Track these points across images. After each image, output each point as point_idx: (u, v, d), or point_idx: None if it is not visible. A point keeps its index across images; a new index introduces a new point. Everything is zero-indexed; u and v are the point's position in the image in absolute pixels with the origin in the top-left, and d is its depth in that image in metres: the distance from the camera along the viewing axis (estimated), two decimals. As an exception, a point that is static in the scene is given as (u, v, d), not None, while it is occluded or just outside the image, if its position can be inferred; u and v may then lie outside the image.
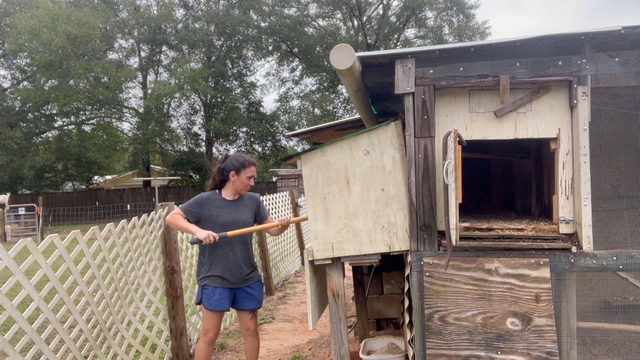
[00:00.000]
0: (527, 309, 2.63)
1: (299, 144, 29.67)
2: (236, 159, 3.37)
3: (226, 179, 3.39)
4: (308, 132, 6.00)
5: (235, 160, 3.37)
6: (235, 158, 3.39)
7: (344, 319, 3.06)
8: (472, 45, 2.78)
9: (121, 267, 3.58)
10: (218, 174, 3.42)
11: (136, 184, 30.55)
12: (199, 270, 3.41)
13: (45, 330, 2.88)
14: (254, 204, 3.51)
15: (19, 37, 23.25)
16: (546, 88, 2.77)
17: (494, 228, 2.95)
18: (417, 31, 31.29)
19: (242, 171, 3.34)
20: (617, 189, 2.96)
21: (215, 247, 3.31)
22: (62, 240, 2.96)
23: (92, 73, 23.77)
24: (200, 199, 3.37)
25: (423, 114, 2.80)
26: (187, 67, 25.55)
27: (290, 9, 29.97)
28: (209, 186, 3.48)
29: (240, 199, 3.45)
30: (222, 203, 3.38)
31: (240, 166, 3.34)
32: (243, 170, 3.35)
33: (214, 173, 3.46)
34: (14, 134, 23.68)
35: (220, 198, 3.39)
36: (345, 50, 2.62)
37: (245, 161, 3.37)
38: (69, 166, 28.29)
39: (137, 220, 3.84)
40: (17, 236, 16.53)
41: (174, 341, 4.21)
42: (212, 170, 3.58)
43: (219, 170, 3.41)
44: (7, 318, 2.52)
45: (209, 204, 3.35)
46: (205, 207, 3.34)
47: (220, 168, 3.41)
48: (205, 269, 3.36)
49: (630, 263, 2.68)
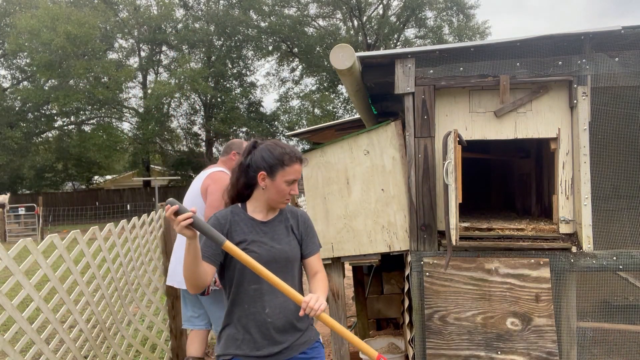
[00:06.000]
0: (527, 309, 2.63)
1: (299, 144, 29.60)
2: (269, 151, 2.00)
3: (253, 183, 2.04)
4: (308, 132, 6.00)
5: (268, 154, 1.99)
6: (269, 150, 2.00)
7: (344, 319, 3.06)
8: (472, 45, 2.78)
9: (121, 267, 3.58)
10: (241, 174, 2.05)
11: (136, 184, 30.54)
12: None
13: (45, 330, 2.88)
14: (299, 226, 2.10)
15: (19, 37, 23.24)
16: (546, 88, 2.77)
17: (494, 228, 2.95)
18: (417, 31, 31.29)
19: (279, 171, 1.98)
20: (617, 189, 2.96)
21: (240, 298, 2.02)
22: (62, 240, 2.95)
23: (92, 73, 23.76)
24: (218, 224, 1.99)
25: (423, 114, 2.80)
26: (187, 67, 25.54)
27: (290, 9, 29.97)
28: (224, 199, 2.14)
29: (276, 218, 2.07)
30: (250, 227, 2.01)
31: (277, 163, 1.98)
32: (281, 169, 1.98)
33: (233, 171, 2.10)
34: (14, 134, 23.68)
35: (247, 218, 2.03)
36: (345, 50, 2.62)
37: (284, 155, 1.99)
38: (69, 166, 28.29)
39: (137, 220, 3.84)
40: (17, 236, 16.53)
41: (174, 341, 4.20)
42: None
43: (243, 168, 2.04)
44: (7, 318, 2.52)
45: (234, 231, 1.99)
46: (229, 237, 1.96)
47: (244, 165, 2.03)
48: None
49: (630, 263, 2.68)
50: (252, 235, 1.99)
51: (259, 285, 1.98)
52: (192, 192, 3.41)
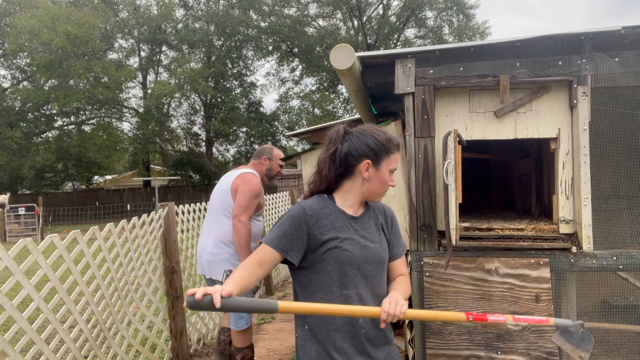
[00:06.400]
0: (527, 309, 2.63)
1: (299, 144, 29.69)
2: (374, 137, 1.77)
3: (349, 173, 1.78)
4: (308, 132, 6.00)
5: (372, 140, 1.77)
6: (373, 135, 1.78)
7: (344, 319, 3.05)
8: (472, 45, 2.78)
9: (121, 267, 3.58)
10: (338, 163, 1.77)
11: (136, 184, 30.54)
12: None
13: (45, 330, 2.88)
14: (387, 223, 1.90)
15: (19, 37, 23.26)
16: (546, 88, 2.77)
17: (494, 228, 2.95)
18: (417, 31, 31.31)
19: (384, 160, 1.77)
20: (617, 189, 2.96)
21: None
22: (62, 240, 2.95)
23: (92, 73, 23.78)
24: (303, 215, 1.73)
25: (423, 114, 2.80)
26: (187, 67, 25.55)
27: (290, 9, 29.99)
28: (307, 190, 1.87)
29: (366, 214, 1.84)
30: (341, 222, 1.77)
31: (383, 150, 1.77)
32: (387, 157, 1.78)
33: (322, 161, 1.81)
34: (14, 134, 23.69)
35: (337, 211, 1.78)
36: (345, 51, 2.62)
37: (389, 141, 1.79)
38: (69, 166, 28.29)
39: (137, 220, 3.84)
40: (17, 236, 16.52)
41: (174, 341, 4.20)
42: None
43: (341, 156, 1.76)
44: (7, 318, 2.52)
45: (323, 225, 1.73)
46: (317, 232, 1.72)
47: (340, 153, 1.76)
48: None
49: (630, 263, 2.68)
50: (344, 231, 1.74)
51: (356, 289, 1.72)
52: (221, 190, 3.56)
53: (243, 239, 3.32)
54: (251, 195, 3.40)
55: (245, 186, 3.40)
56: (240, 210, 3.35)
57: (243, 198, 3.37)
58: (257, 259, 1.70)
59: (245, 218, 3.34)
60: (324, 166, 1.79)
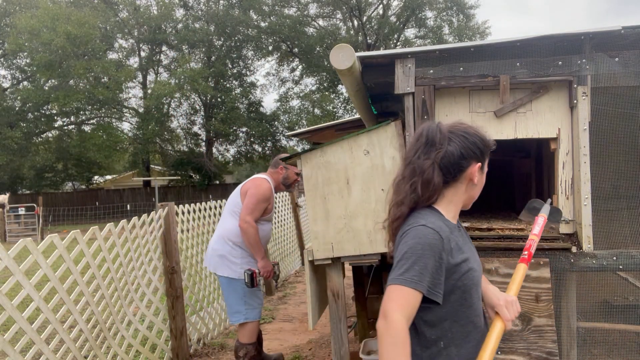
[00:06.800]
0: (527, 309, 2.63)
1: (299, 144, 29.65)
2: (478, 135, 1.53)
3: (454, 179, 1.50)
4: (308, 132, 5.99)
5: (479, 139, 1.52)
6: (476, 133, 1.53)
7: (344, 319, 3.06)
8: (472, 45, 2.78)
9: (121, 267, 3.58)
10: (450, 169, 1.48)
11: (136, 184, 30.54)
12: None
13: (45, 330, 2.88)
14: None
15: (19, 37, 23.26)
16: (546, 88, 2.77)
17: (494, 228, 2.95)
18: (417, 31, 31.30)
19: (487, 160, 1.58)
20: (617, 189, 2.96)
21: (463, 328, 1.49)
22: (62, 240, 2.95)
23: (92, 73, 23.79)
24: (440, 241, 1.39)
25: (423, 114, 2.80)
26: (187, 67, 25.56)
27: (290, 9, 29.98)
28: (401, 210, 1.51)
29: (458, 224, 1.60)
30: (462, 237, 1.54)
31: (487, 150, 1.55)
32: (487, 158, 1.58)
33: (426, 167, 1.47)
34: (14, 134, 23.69)
35: (452, 226, 1.51)
36: (345, 51, 2.62)
37: (490, 139, 1.57)
38: (69, 166, 28.29)
39: (137, 220, 3.84)
40: (17, 236, 16.52)
41: (174, 341, 4.20)
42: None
43: (453, 160, 1.47)
44: (7, 318, 2.52)
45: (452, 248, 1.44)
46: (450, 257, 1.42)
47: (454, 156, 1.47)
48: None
49: (630, 263, 2.68)
50: (468, 249, 1.50)
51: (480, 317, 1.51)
52: (235, 192, 3.83)
53: (252, 237, 3.56)
54: (258, 198, 3.62)
55: (255, 189, 3.65)
56: (247, 211, 3.58)
57: (250, 200, 3.61)
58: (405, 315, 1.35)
59: (250, 218, 3.55)
60: (432, 174, 1.44)
